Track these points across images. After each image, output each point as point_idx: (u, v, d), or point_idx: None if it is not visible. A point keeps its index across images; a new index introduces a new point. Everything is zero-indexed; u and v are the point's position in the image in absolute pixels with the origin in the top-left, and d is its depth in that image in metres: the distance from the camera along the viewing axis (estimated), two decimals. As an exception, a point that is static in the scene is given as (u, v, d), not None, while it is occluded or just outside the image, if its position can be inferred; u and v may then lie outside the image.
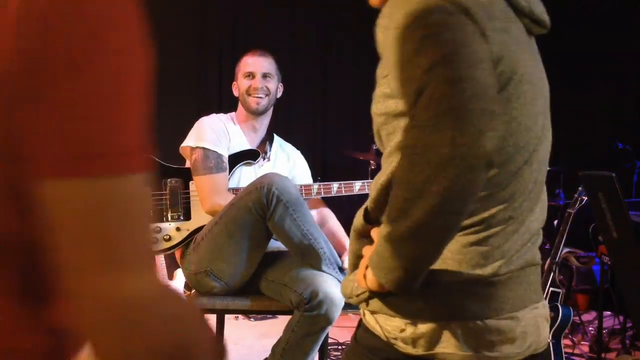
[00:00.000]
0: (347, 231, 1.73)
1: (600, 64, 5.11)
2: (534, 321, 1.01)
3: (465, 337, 0.93)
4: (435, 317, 0.94)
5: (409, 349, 0.95)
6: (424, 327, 0.94)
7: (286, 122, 4.35)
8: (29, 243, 0.53)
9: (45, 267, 0.52)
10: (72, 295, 0.52)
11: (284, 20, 4.78)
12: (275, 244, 2.18)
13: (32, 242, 0.53)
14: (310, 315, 2.01)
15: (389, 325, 0.97)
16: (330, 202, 2.60)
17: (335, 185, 2.45)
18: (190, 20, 4.52)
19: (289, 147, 2.61)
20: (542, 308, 1.05)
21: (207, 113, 2.47)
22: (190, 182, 2.27)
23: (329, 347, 3.56)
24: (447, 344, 0.93)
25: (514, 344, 0.97)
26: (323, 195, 2.44)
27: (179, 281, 3.78)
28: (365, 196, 1.17)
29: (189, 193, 2.27)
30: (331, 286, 2.02)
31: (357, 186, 2.47)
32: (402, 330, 0.95)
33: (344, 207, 2.61)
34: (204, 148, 2.24)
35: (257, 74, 2.44)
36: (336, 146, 4.74)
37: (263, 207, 1.98)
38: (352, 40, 5.01)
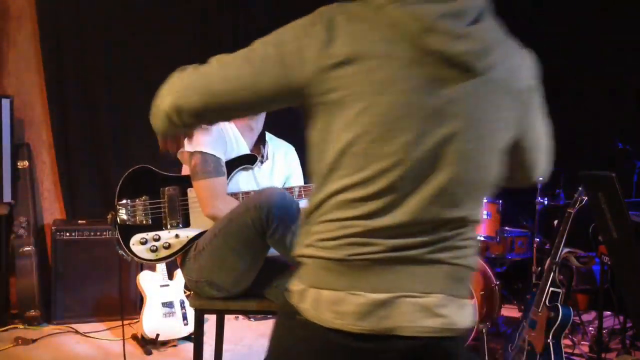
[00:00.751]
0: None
1: (601, 64, 5.11)
2: (398, 306, 1.15)
3: (317, 300, 1.16)
4: (305, 282, 1.20)
5: (293, 300, 1.21)
6: (299, 287, 1.20)
7: (286, 121, 4.35)
8: None
9: None
10: None
11: (284, 20, 4.77)
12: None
13: None
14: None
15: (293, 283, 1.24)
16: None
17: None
18: (191, 22, 4.52)
19: (281, 142, 2.61)
20: (425, 298, 1.17)
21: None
22: (189, 190, 2.27)
23: (329, 347, 3.56)
24: (307, 302, 1.18)
25: (356, 317, 1.14)
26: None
27: (179, 281, 3.78)
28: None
29: (187, 200, 2.27)
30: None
31: None
32: (294, 286, 1.23)
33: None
34: (202, 152, 2.23)
35: None
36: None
37: (263, 226, 1.99)
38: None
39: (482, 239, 3.84)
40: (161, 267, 3.78)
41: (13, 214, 4.07)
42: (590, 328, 3.97)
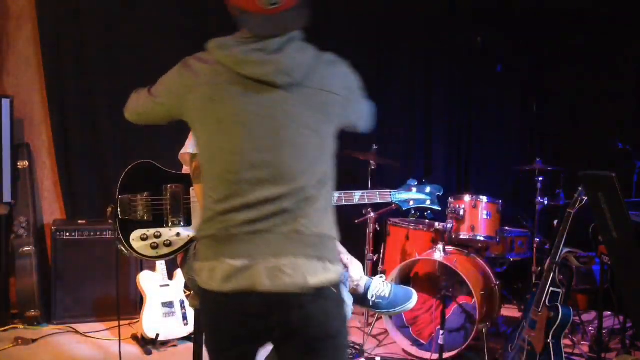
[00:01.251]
0: (345, 235, 1.72)
1: (601, 65, 5.11)
2: (255, 269, 1.51)
3: (202, 270, 1.58)
4: (198, 260, 1.62)
5: (196, 276, 1.65)
6: (197, 266, 1.62)
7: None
8: None
9: None
10: None
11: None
12: None
13: None
14: None
15: None
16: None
17: (335, 195, 2.44)
18: (190, 22, 4.52)
19: None
20: (276, 261, 1.52)
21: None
22: (191, 188, 2.26)
23: (329, 347, 3.56)
24: (201, 274, 1.59)
25: (224, 280, 1.53)
26: None
27: (179, 281, 3.78)
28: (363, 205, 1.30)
29: (189, 199, 2.27)
30: (343, 295, 2.02)
31: (357, 196, 2.45)
32: (195, 266, 1.64)
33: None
34: None
35: None
36: (336, 146, 4.73)
37: None
38: (351, 40, 5.01)
39: (482, 239, 3.85)
40: (161, 267, 3.78)
41: (13, 214, 4.07)
42: (590, 328, 3.97)
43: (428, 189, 2.41)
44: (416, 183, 2.45)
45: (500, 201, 3.96)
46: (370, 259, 4.10)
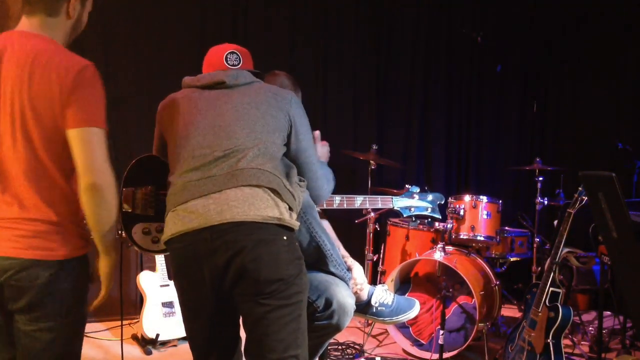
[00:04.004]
0: (345, 235, 1.73)
1: (600, 65, 5.11)
2: (185, 212, 1.76)
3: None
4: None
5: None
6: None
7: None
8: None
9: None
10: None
11: (284, 20, 4.78)
12: None
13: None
14: (320, 325, 2.00)
15: None
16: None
17: (337, 198, 2.43)
18: (190, 22, 4.52)
19: None
20: (193, 202, 1.77)
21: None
22: None
23: (329, 347, 3.56)
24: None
25: (167, 231, 1.80)
26: (325, 207, 2.42)
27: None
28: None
29: None
30: (345, 296, 2.02)
31: (359, 201, 2.45)
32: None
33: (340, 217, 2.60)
34: None
35: None
36: (336, 146, 4.73)
37: None
38: (351, 41, 5.01)
39: (482, 239, 3.85)
40: (161, 267, 3.79)
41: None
42: (590, 328, 3.97)
43: (430, 197, 2.43)
44: (418, 190, 2.46)
45: (500, 201, 3.96)
46: (370, 259, 4.10)
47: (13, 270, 1.64)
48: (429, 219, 4.00)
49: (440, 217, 2.69)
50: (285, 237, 1.73)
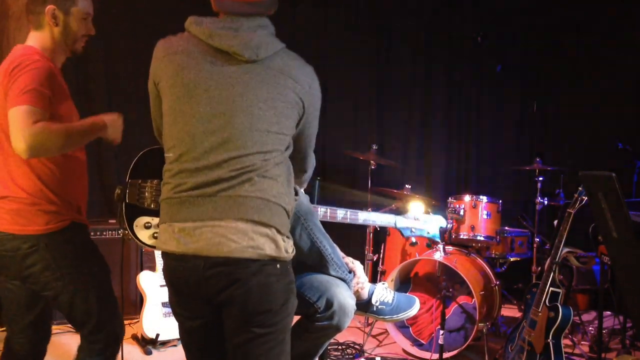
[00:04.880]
0: (345, 235, 1.73)
1: (600, 65, 5.11)
2: (201, 233, 1.61)
3: (159, 232, 1.73)
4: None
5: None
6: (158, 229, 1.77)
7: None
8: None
9: None
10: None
11: (284, 19, 4.78)
12: None
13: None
14: (321, 326, 2.00)
15: None
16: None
17: (340, 212, 2.43)
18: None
19: None
20: (219, 226, 1.61)
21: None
22: None
23: (329, 347, 3.56)
24: (159, 236, 1.73)
25: (164, 240, 1.69)
26: (329, 219, 2.41)
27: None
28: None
29: None
30: (346, 297, 2.01)
31: (361, 218, 2.46)
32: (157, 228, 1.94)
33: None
34: None
35: None
36: (336, 146, 4.74)
37: None
38: (351, 40, 5.01)
39: (482, 239, 3.85)
40: (161, 267, 3.78)
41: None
42: (590, 328, 3.97)
43: (431, 220, 2.43)
44: (422, 211, 2.47)
45: (500, 201, 3.96)
46: (370, 259, 4.10)
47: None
48: (428, 242, 4.00)
49: (439, 241, 2.72)
50: (278, 265, 1.65)
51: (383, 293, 2.26)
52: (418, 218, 2.43)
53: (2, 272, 2.12)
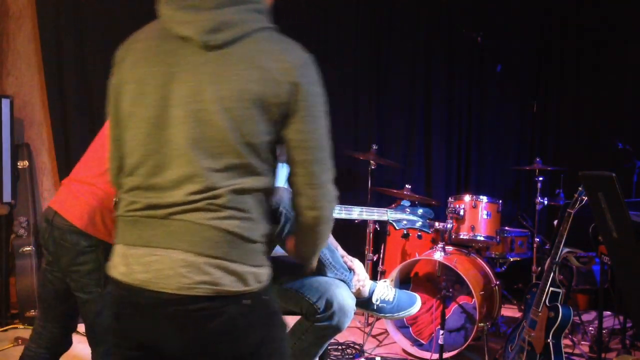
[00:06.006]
0: (345, 235, 1.73)
1: (600, 65, 5.11)
2: (152, 261, 1.29)
3: (112, 253, 1.39)
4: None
5: None
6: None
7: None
8: None
9: None
10: None
11: (284, 19, 4.77)
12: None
13: None
14: (321, 326, 2.00)
15: None
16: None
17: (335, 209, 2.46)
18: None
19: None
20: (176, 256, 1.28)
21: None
22: None
23: (329, 347, 3.56)
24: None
25: (112, 265, 1.37)
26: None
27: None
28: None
29: None
30: (345, 297, 2.02)
31: (356, 212, 2.48)
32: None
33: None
34: None
35: None
36: (336, 146, 4.73)
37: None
38: (351, 41, 5.01)
39: (482, 239, 3.85)
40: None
41: (13, 214, 4.07)
42: (590, 328, 3.97)
43: (420, 211, 2.49)
44: (409, 204, 2.51)
45: (500, 201, 3.96)
46: (370, 259, 4.10)
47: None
48: (419, 233, 4.02)
49: (429, 232, 2.75)
50: (248, 301, 1.31)
51: (384, 291, 2.26)
52: (407, 210, 2.48)
53: (54, 261, 2.20)
